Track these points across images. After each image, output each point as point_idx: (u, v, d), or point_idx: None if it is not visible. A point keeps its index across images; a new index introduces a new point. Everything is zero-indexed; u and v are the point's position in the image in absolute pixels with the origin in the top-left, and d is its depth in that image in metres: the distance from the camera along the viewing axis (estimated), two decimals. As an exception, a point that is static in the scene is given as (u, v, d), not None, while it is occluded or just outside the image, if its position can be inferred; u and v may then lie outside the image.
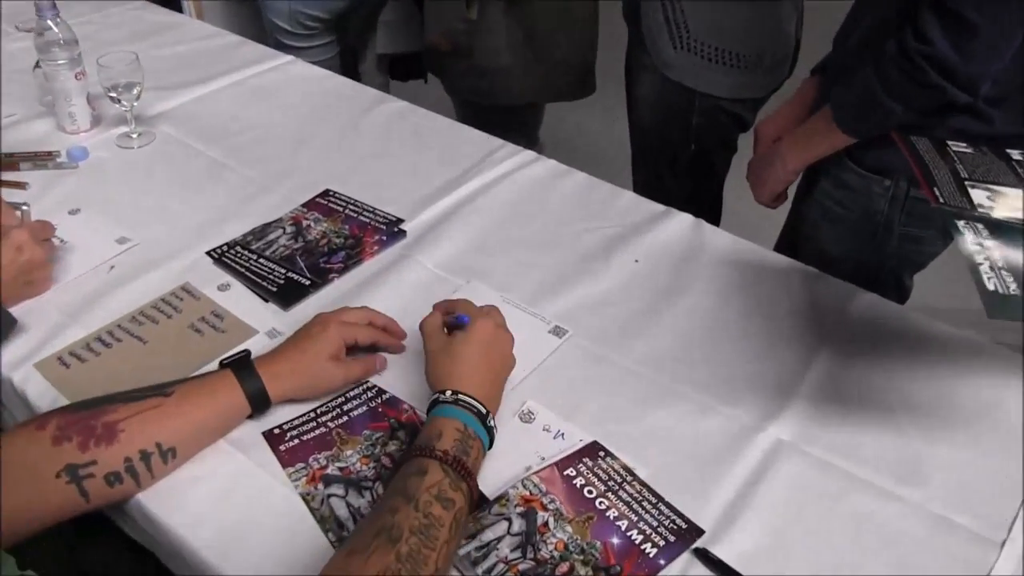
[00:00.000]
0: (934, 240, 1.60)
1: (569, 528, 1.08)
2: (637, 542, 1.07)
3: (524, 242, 1.51)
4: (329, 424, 1.20)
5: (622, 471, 1.15)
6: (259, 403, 1.16)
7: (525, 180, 1.66)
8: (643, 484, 1.13)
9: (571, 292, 1.41)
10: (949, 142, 1.30)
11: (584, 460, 1.16)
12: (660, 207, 1.60)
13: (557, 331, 1.35)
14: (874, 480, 1.14)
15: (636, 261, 1.47)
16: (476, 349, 1.15)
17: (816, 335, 1.33)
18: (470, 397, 1.11)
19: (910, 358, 1.30)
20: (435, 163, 1.70)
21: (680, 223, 1.56)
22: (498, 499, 1.10)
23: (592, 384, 1.27)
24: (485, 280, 1.43)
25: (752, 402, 1.24)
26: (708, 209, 2.15)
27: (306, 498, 1.11)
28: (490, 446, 1.13)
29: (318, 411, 1.22)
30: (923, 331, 1.35)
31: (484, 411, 1.11)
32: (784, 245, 1.83)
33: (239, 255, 1.47)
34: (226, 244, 1.49)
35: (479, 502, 1.09)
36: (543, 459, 1.16)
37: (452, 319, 1.22)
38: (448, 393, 1.11)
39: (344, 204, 1.60)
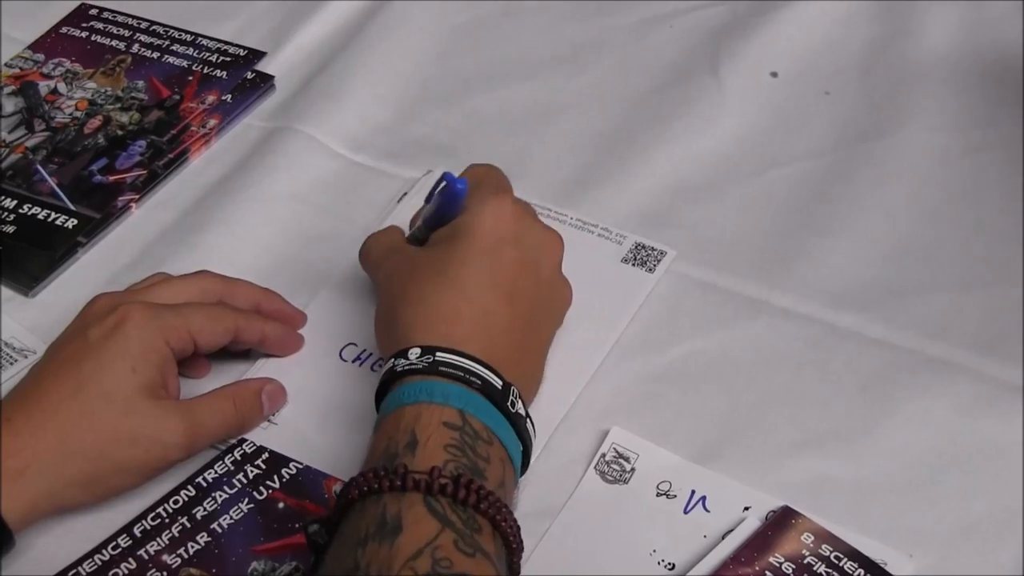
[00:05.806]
0: None
1: None
2: None
3: (511, 66, 0.79)
4: (162, 559, 0.54)
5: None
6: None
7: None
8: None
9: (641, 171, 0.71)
10: None
11: (773, 559, 0.51)
12: None
13: (643, 256, 0.65)
14: None
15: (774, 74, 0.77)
16: (482, 257, 0.54)
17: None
18: (466, 357, 0.50)
19: None
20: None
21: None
22: None
23: (737, 365, 0.61)
24: (464, 161, 0.70)
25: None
26: None
27: None
28: (525, 466, 0.52)
29: (135, 531, 0.55)
30: None
31: (500, 384, 0.50)
32: None
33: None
34: None
35: None
36: (670, 565, 0.52)
37: (433, 195, 0.58)
38: (415, 352, 0.50)
39: (131, 31, 0.83)
